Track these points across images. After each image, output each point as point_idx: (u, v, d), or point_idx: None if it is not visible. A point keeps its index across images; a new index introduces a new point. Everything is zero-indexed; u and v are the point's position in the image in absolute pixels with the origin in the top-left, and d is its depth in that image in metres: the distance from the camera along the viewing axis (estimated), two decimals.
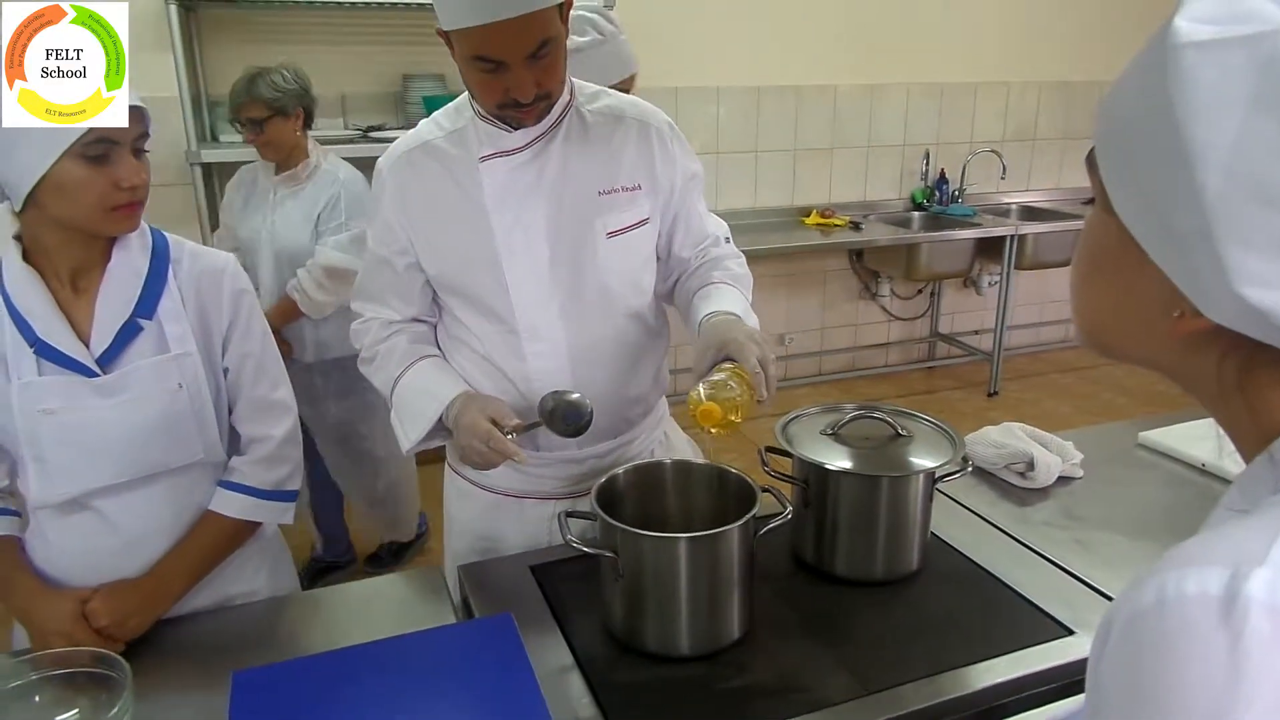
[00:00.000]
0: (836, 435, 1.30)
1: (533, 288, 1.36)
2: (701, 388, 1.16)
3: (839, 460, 1.25)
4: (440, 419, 1.36)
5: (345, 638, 1.21)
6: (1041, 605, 1.22)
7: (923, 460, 1.26)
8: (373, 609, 1.31)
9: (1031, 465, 1.54)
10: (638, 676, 1.10)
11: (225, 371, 1.29)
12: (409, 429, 1.38)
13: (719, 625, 1.12)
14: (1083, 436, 1.79)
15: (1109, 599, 1.23)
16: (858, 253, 4.63)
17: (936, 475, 1.25)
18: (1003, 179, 4.75)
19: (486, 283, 1.36)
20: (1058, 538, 1.40)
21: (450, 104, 1.42)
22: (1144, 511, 1.50)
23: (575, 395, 1.31)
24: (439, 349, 1.47)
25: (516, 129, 1.32)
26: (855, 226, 4.30)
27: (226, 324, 1.28)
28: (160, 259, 1.23)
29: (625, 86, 1.77)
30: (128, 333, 1.18)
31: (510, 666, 0.98)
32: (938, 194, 4.67)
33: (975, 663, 1.10)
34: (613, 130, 1.39)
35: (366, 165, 1.50)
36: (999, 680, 1.07)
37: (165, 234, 1.27)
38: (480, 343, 1.41)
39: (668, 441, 1.60)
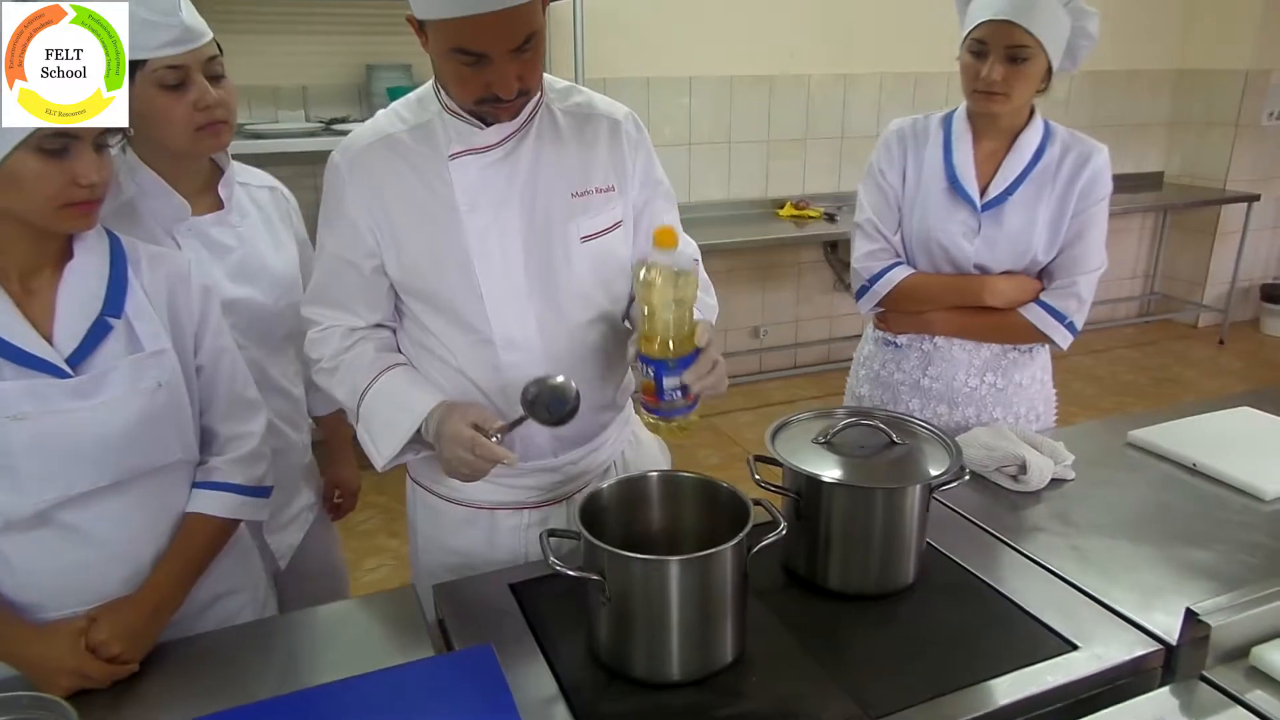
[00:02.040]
0: (829, 444, 1.25)
1: (508, 295, 1.29)
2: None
3: (832, 471, 1.20)
4: (419, 431, 1.28)
5: (315, 666, 1.15)
6: (1042, 618, 1.18)
7: (919, 470, 1.21)
8: (345, 634, 1.23)
9: (1024, 468, 1.50)
10: (627, 706, 1.04)
11: (199, 370, 1.24)
12: (381, 444, 1.30)
13: (712, 649, 1.06)
14: (1071, 435, 1.77)
15: (1109, 609, 1.20)
16: (832, 244, 4.59)
17: (933, 485, 1.20)
18: None
19: (458, 289, 1.29)
20: (1053, 544, 1.36)
21: (410, 96, 1.34)
22: (1138, 514, 1.46)
23: (559, 379, 1.23)
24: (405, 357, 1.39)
25: (490, 125, 1.25)
26: (829, 218, 4.26)
27: (197, 320, 1.23)
28: (119, 258, 1.17)
29: None
30: (98, 332, 1.12)
31: (492, 706, 0.91)
32: None
33: (978, 683, 1.05)
34: (583, 128, 1.33)
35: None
36: (1004, 702, 1.03)
37: (116, 233, 1.20)
38: (450, 353, 1.33)
39: (636, 441, 1.55)
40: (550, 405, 1.21)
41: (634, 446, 1.54)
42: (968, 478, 1.21)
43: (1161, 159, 5.34)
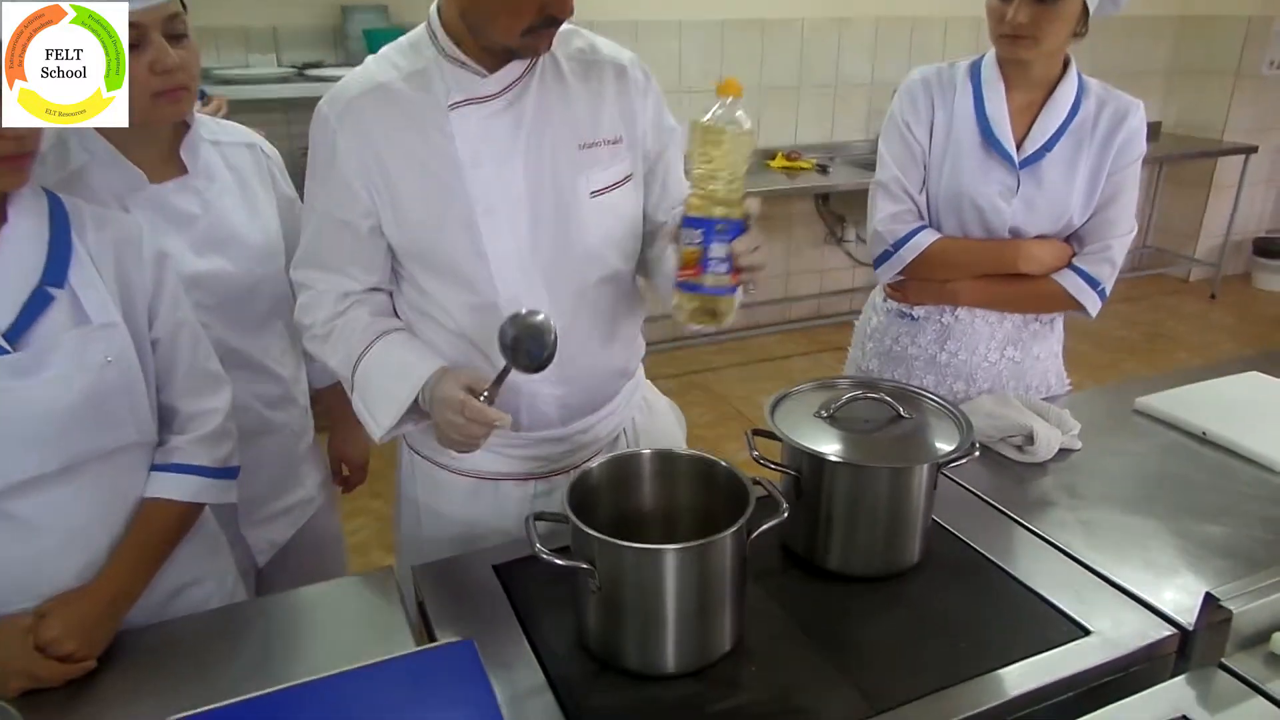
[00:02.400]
0: (832, 418, 1.18)
1: (513, 256, 1.21)
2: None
3: (835, 449, 1.13)
4: (417, 400, 1.20)
5: (288, 657, 1.09)
6: (1052, 600, 1.12)
7: (927, 447, 1.14)
8: (320, 620, 1.17)
9: (1031, 439, 1.44)
10: (618, 699, 0.98)
11: (155, 344, 1.14)
12: (379, 415, 1.22)
13: (709, 640, 1.01)
14: (1076, 402, 1.71)
15: (1121, 590, 1.15)
16: (824, 197, 4.49)
17: (942, 464, 1.13)
18: None
19: (460, 249, 1.21)
20: (1062, 519, 1.30)
21: (402, 40, 1.23)
22: (1147, 486, 1.41)
23: (538, 317, 1.12)
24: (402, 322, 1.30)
25: (495, 71, 1.16)
26: (822, 170, 4.15)
27: (150, 290, 1.13)
28: (60, 221, 1.07)
29: None
30: (37, 303, 1.02)
31: (473, 707, 0.85)
32: None
33: (987, 672, 1.00)
34: (588, 75, 1.24)
35: (304, 107, 1.31)
36: (1014, 694, 0.98)
37: (59, 195, 1.09)
38: (450, 317, 1.26)
39: (648, 407, 1.48)
40: (530, 351, 1.12)
41: (646, 412, 1.47)
42: (978, 454, 1.15)
43: (1159, 109, 5.23)
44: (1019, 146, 1.58)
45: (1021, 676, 1.00)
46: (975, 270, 1.62)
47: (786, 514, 1.01)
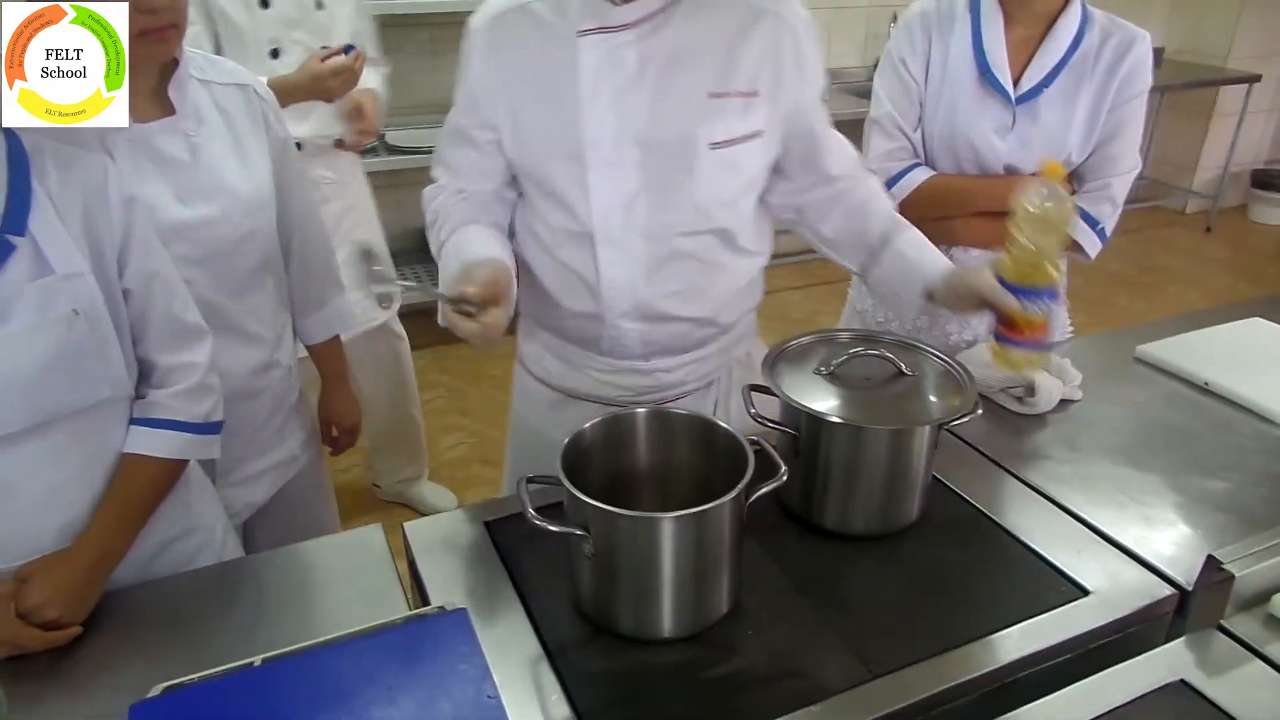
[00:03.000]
0: (832, 375, 1.15)
1: (615, 194, 1.19)
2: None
3: (835, 406, 1.10)
4: None
5: (279, 619, 1.06)
6: (1049, 557, 1.11)
7: (929, 405, 1.12)
8: (312, 580, 1.15)
9: (1031, 390, 1.41)
10: (615, 664, 0.97)
11: (127, 294, 1.08)
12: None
13: (706, 605, 0.99)
14: (1076, 349, 1.68)
15: (1119, 547, 1.14)
16: None
17: (944, 424, 1.11)
18: None
19: (566, 178, 1.20)
20: (1060, 473, 1.29)
21: None
22: (1147, 438, 1.39)
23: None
24: (506, 225, 1.32)
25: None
26: None
27: (120, 237, 1.07)
28: (19, 163, 1.00)
29: None
30: None
31: (465, 679, 0.83)
32: None
33: (985, 635, 0.99)
34: (739, 18, 1.17)
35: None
36: (1012, 658, 0.97)
37: (17, 133, 1.02)
38: (554, 240, 1.26)
39: (749, 361, 1.44)
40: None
41: (747, 366, 1.44)
42: (980, 413, 1.12)
43: (1162, 35, 5.09)
44: (1016, 82, 1.53)
45: (1020, 640, 0.99)
46: (968, 208, 1.59)
47: (785, 478, 0.98)
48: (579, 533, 0.93)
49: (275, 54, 1.96)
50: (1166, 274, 4.60)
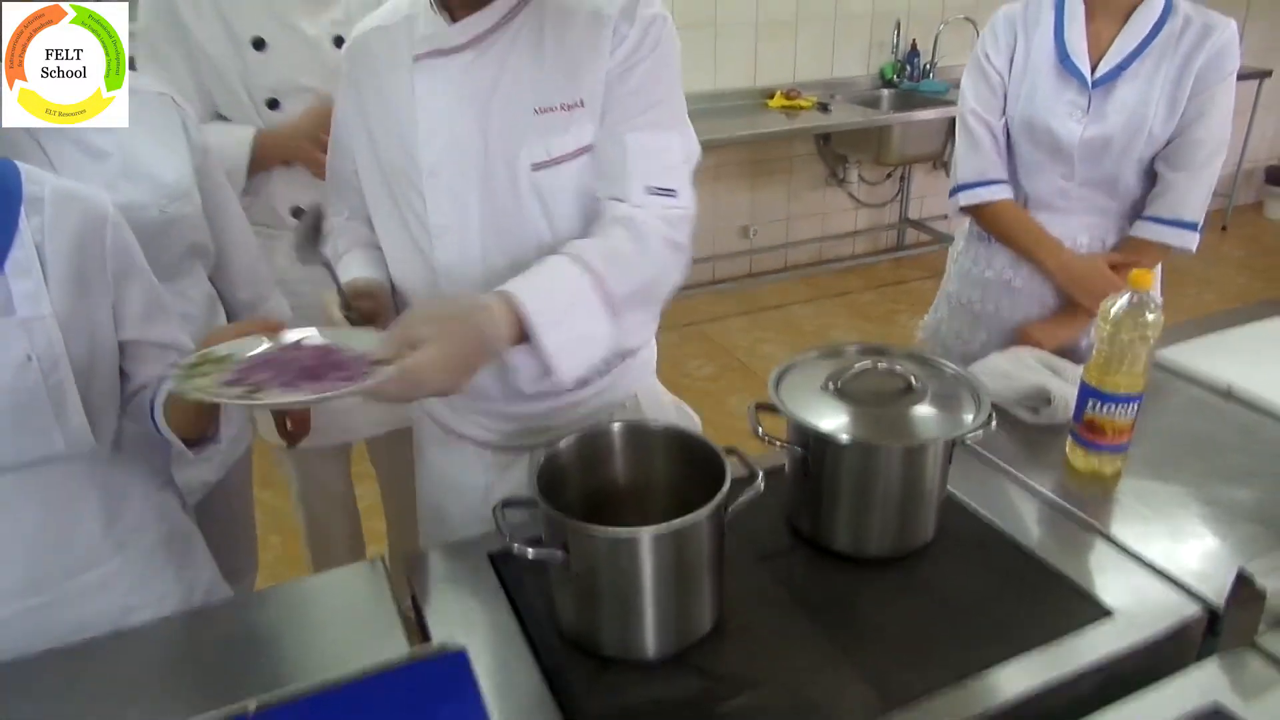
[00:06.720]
0: (840, 391, 1.11)
1: (455, 224, 1.14)
2: None
3: (844, 424, 1.07)
4: None
5: (275, 658, 1.03)
6: (1071, 576, 1.07)
7: (942, 420, 1.08)
8: (307, 617, 1.12)
9: (1047, 400, 1.37)
10: (622, 699, 0.93)
11: (124, 345, 1.08)
12: None
13: (689, 622, 0.97)
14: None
15: (1144, 563, 1.09)
16: (824, 137, 4.36)
17: (957, 440, 1.07)
18: None
19: (407, 207, 1.17)
20: (1080, 486, 1.24)
21: None
22: (1170, 446, 1.35)
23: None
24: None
25: (457, 20, 1.07)
26: (823, 108, 4.01)
27: (113, 293, 1.05)
28: (9, 196, 0.97)
29: None
30: None
31: None
32: (908, 69, 4.38)
33: (1007, 660, 0.95)
34: (568, 24, 1.08)
35: None
36: (1036, 684, 0.92)
37: (15, 163, 1.00)
38: (394, 267, 1.24)
39: (638, 405, 1.33)
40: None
41: (652, 399, 1.35)
42: (994, 426, 1.08)
43: None
44: (1095, 67, 1.60)
45: (1042, 666, 0.95)
46: (1013, 245, 1.71)
47: (762, 486, 0.96)
48: (559, 553, 0.91)
49: (274, 104, 1.71)
50: (1181, 272, 4.53)
